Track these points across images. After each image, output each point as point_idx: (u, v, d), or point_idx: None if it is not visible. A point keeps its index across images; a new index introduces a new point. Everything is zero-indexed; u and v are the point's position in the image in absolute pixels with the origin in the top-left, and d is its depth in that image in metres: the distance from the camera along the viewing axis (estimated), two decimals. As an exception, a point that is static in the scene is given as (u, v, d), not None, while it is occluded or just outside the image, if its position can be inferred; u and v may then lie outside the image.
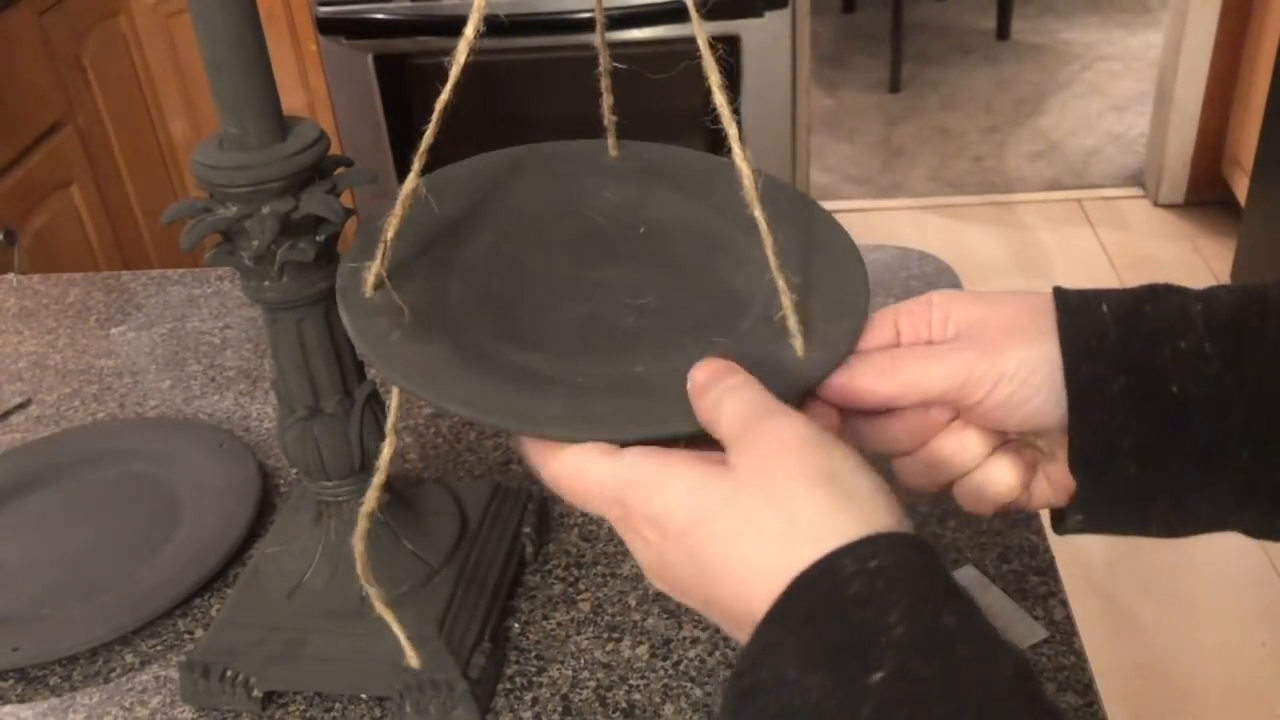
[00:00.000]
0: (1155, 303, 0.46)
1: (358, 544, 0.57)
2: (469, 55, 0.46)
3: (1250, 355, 0.45)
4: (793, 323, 0.47)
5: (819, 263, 0.51)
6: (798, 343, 0.47)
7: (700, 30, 0.45)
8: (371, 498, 0.56)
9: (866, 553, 0.36)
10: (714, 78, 0.45)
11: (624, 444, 0.44)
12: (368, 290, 0.50)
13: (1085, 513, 0.48)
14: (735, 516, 0.39)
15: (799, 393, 0.46)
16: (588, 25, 2.10)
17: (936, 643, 0.34)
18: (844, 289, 0.50)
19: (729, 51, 2.17)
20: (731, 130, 0.45)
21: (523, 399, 0.45)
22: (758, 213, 0.45)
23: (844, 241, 0.53)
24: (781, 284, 0.46)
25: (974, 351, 0.47)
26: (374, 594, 0.58)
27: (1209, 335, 0.45)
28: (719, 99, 0.45)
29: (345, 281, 0.50)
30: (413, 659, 0.62)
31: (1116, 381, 0.45)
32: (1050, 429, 0.48)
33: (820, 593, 0.36)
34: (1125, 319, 0.46)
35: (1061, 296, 0.47)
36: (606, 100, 0.56)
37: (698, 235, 0.55)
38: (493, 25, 0.47)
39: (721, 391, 0.42)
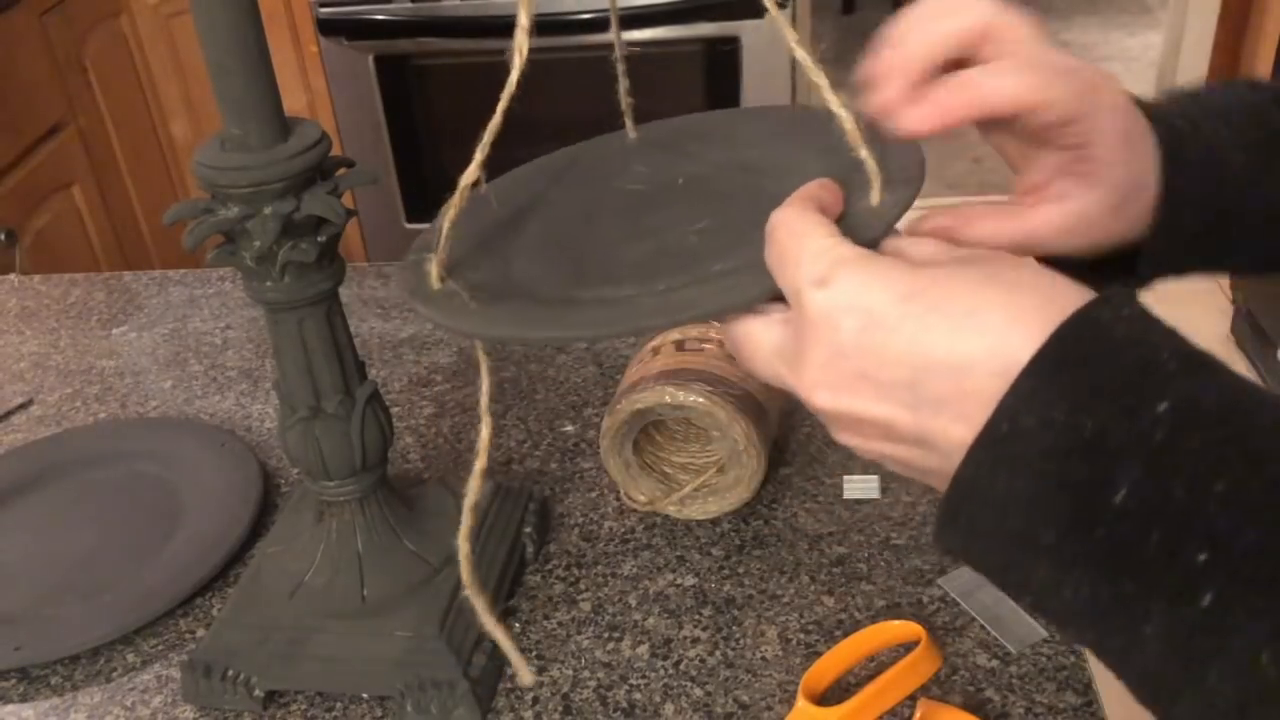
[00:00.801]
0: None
1: (463, 544, 0.55)
2: (528, 46, 0.46)
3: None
4: (870, 164, 0.47)
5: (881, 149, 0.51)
6: (876, 187, 0.47)
7: None
8: (474, 487, 0.54)
9: (1119, 301, 0.36)
10: (789, 33, 0.46)
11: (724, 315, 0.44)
12: (434, 281, 0.50)
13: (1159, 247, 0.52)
14: (986, 282, 0.38)
15: (888, 226, 0.45)
16: (591, 25, 2.10)
17: (1208, 372, 0.35)
18: (903, 161, 0.50)
19: (729, 52, 2.18)
20: (821, 80, 0.46)
21: (611, 311, 0.46)
22: (835, 105, 0.46)
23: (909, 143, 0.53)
24: (850, 121, 0.46)
25: (1077, 86, 0.47)
26: (480, 606, 0.57)
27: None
28: (800, 54, 0.46)
29: (410, 278, 0.51)
30: (524, 676, 0.61)
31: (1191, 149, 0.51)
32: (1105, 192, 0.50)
33: (1088, 337, 0.35)
34: (1176, 100, 0.53)
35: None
36: (623, 84, 0.58)
37: (736, 168, 0.57)
38: (495, 27, 0.47)
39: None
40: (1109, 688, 0.48)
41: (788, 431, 0.82)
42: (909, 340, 0.37)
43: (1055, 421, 0.34)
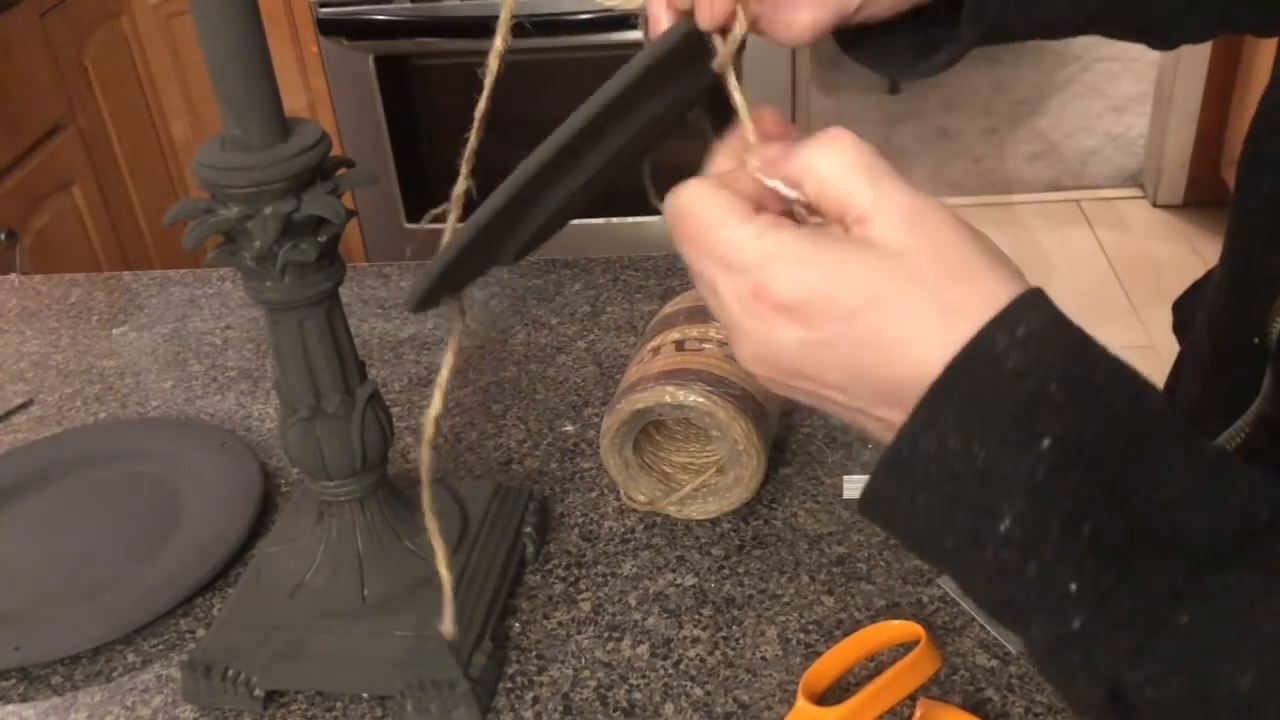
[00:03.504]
0: None
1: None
2: (500, 66, 0.47)
3: None
4: None
5: None
6: None
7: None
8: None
9: (1014, 321, 0.37)
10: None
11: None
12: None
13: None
14: (923, 293, 0.38)
15: None
16: (588, 25, 2.10)
17: (1096, 402, 0.36)
18: None
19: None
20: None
21: None
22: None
23: None
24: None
25: None
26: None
27: None
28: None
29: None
30: None
31: None
32: None
33: (979, 369, 0.37)
34: None
35: None
36: None
37: None
38: (494, 27, 0.48)
39: (831, 159, 0.40)
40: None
41: (788, 431, 0.82)
42: (844, 358, 0.39)
43: (951, 449, 0.37)
